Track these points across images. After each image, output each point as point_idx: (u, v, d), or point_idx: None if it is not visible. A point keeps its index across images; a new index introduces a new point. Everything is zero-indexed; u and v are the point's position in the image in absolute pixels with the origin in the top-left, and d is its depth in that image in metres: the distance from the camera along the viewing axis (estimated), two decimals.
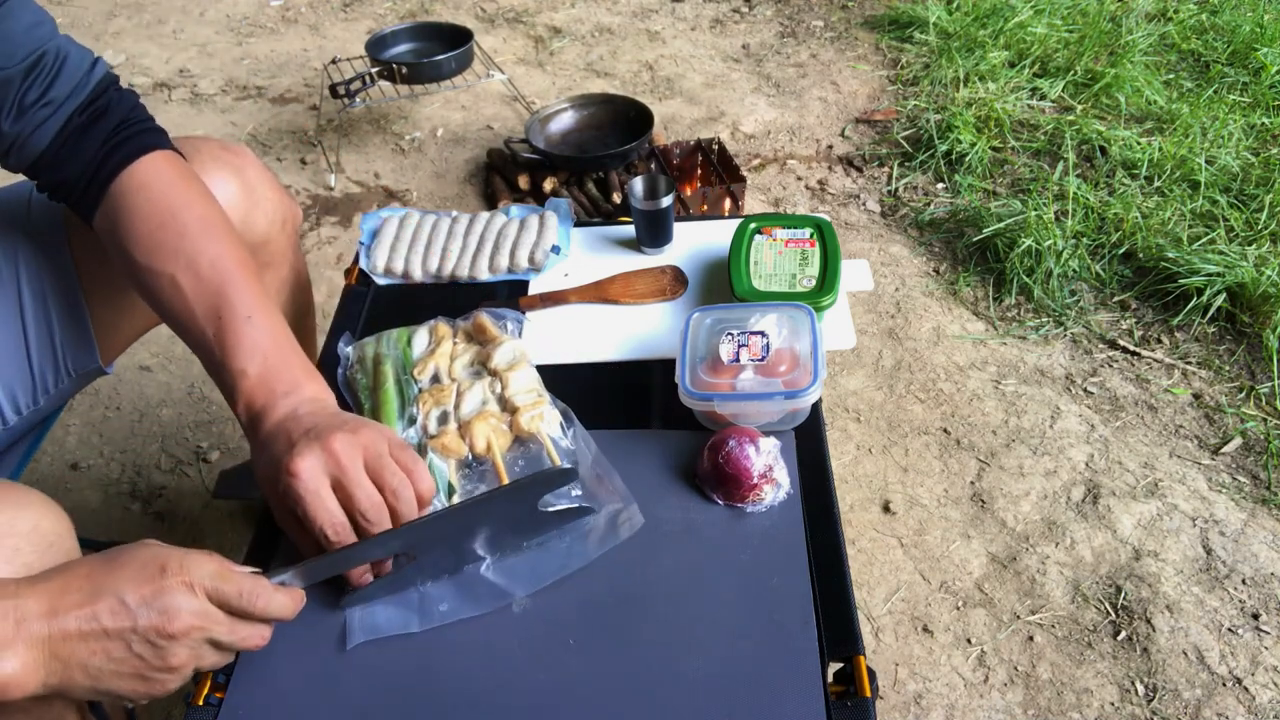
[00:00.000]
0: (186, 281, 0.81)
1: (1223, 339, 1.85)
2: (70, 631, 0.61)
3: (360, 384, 1.00)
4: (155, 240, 0.82)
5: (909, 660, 1.35)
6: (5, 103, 0.80)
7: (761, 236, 1.15)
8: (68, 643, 0.61)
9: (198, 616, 0.64)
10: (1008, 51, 2.76)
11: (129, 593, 0.62)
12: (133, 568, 0.64)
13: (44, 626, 0.60)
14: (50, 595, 0.61)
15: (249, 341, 0.80)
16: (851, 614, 0.78)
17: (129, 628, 0.62)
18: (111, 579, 0.63)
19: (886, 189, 2.36)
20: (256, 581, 0.68)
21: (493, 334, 1.02)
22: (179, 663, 0.64)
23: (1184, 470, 1.60)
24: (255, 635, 0.68)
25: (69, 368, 0.99)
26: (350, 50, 2.97)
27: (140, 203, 0.83)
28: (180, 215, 0.83)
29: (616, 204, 2.16)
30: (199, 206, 0.85)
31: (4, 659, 0.58)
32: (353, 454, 0.73)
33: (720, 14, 3.32)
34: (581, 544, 0.83)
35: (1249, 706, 1.28)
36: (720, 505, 0.88)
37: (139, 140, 0.86)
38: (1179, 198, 2.14)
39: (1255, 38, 2.71)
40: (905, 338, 1.91)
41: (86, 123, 0.84)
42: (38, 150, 0.83)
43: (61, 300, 0.96)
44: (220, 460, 1.73)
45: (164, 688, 0.65)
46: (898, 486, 1.60)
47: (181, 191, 0.85)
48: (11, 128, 0.81)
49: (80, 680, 0.62)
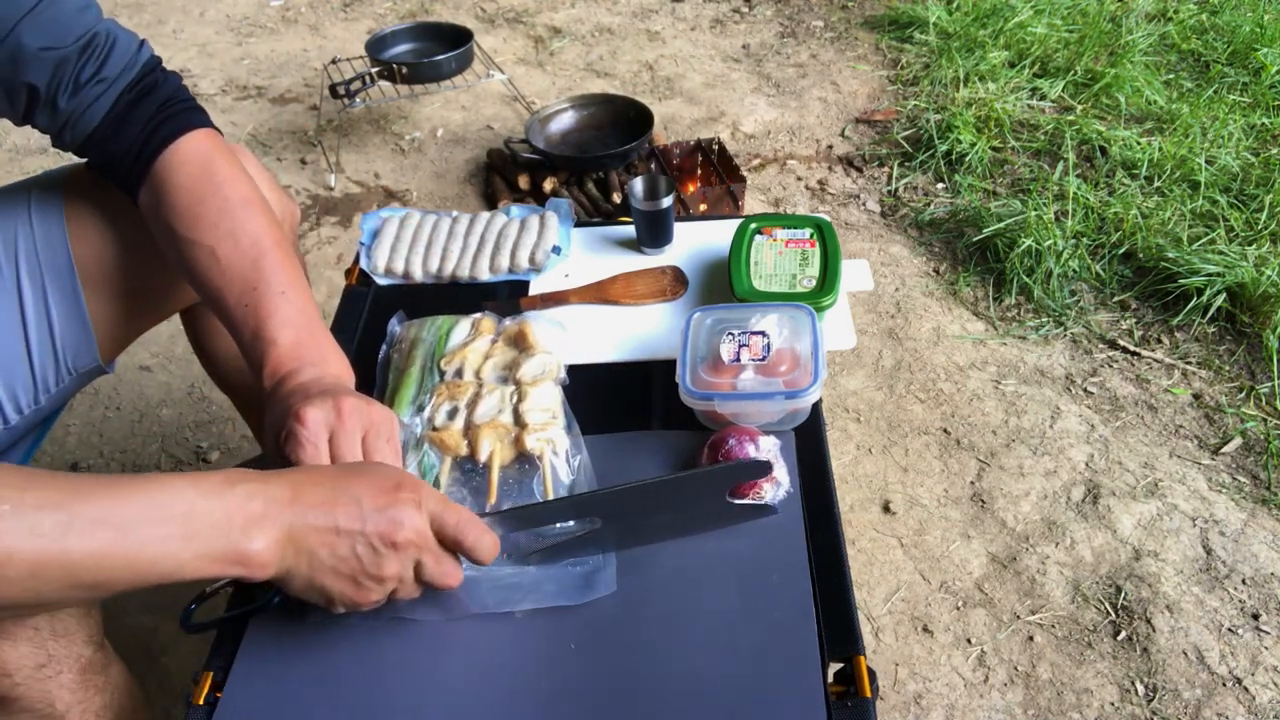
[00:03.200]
0: (225, 253, 0.84)
1: (1223, 339, 1.86)
2: (310, 523, 0.64)
3: (394, 362, 1.01)
4: (196, 213, 0.86)
5: (909, 660, 1.35)
6: (63, 80, 0.83)
7: (762, 236, 1.15)
8: (304, 532, 0.64)
9: (418, 535, 0.67)
10: (1008, 51, 2.76)
11: (366, 499, 0.66)
12: (371, 478, 0.68)
13: (288, 513, 0.64)
14: (295, 486, 0.65)
15: (281, 315, 0.83)
16: (851, 614, 0.78)
17: (359, 530, 0.65)
18: (351, 484, 0.67)
19: (886, 189, 2.36)
20: (472, 517, 0.71)
21: (532, 343, 1.00)
22: (390, 574, 0.67)
23: (1184, 470, 1.61)
24: (454, 573, 0.71)
25: (69, 366, 0.99)
26: (350, 50, 2.97)
27: (183, 178, 0.87)
28: (222, 189, 0.87)
29: (616, 204, 2.16)
30: (241, 184, 0.89)
31: (255, 536, 0.62)
32: (356, 418, 0.76)
33: (720, 14, 3.32)
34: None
35: (1249, 706, 1.28)
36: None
37: (183, 118, 0.89)
38: (1179, 198, 2.14)
39: (1255, 38, 2.71)
40: (905, 338, 1.91)
41: (134, 100, 0.87)
42: (90, 126, 0.87)
43: (61, 298, 0.96)
44: (220, 460, 1.73)
45: (367, 597, 0.68)
46: (898, 486, 1.60)
47: (223, 167, 0.89)
48: (68, 104, 0.85)
49: (303, 570, 0.65)
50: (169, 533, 0.59)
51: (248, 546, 0.62)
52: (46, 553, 0.55)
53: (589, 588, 0.79)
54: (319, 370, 0.81)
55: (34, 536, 0.55)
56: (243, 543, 0.62)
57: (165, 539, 0.59)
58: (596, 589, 0.79)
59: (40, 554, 0.55)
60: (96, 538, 0.57)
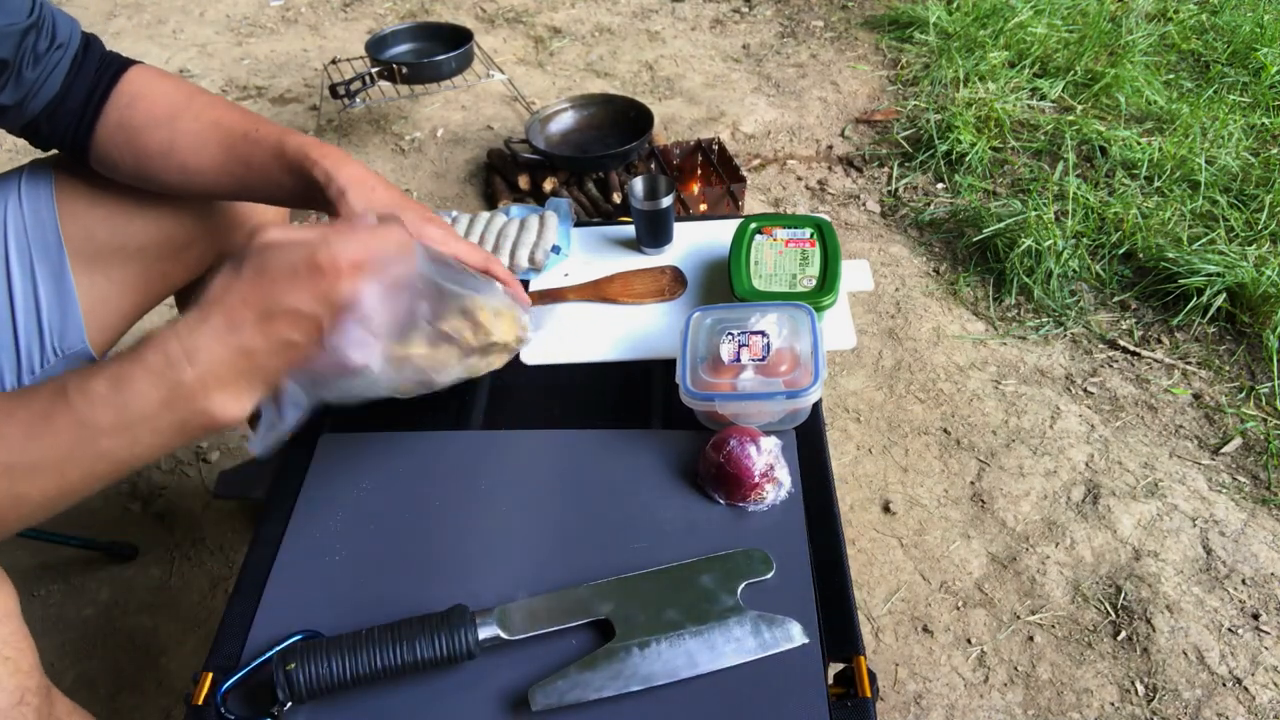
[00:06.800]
0: (211, 132, 0.91)
1: (1223, 339, 1.86)
2: (259, 351, 0.66)
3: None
4: (172, 99, 0.93)
5: (909, 660, 1.35)
6: (25, 51, 0.87)
7: (762, 236, 1.15)
8: (256, 356, 0.66)
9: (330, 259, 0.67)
10: (1008, 52, 2.76)
11: (302, 304, 0.66)
12: (284, 272, 0.66)
13: (225, 351, 0.65)
14: (218, 335, 0.65)
15: (288, 132, 0.90)
16: (852, 614, 0.78)
17: (311, 314, 0.66)
18: (273, 294, 0.66)
19: (886, 189, 2.36)
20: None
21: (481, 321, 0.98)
22: (293, 304, 0.66)
23: (1184, 470, 1.61)
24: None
25: (55, 346, 0.98)
26: (350, 50, 2.97)
27: (143, 86, 0.93)
28: (184, 84, 0.95)
29: (616, 204, 2.16)
30: (201, 91, 0.97)
31: (206, 397, 0.65)
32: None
33: (720, 14, 3.32)
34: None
35: (1249, 706, 1.28)
36: (722, 505, 0.88)
37: (124, 61, 0.96)
38: (1179, 198, 2.14)
39: (1255, 38, 2.71)
40: (905, 338, 1.91)
41: (83, 61, 0.93)
42: (52, 91, 0.90)
43: (49, 275, 0.97)
44: (220, 460, 1.73)
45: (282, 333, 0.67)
46: (898, 486, 1.60)
47: (180, 81, 0.96)
48: (32, 73, 0.88)
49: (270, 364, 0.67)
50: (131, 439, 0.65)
51: (209, 410, 0.65)
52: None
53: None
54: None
55: None
56: (204, 411, 0.65)
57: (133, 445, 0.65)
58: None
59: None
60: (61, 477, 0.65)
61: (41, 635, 0.79)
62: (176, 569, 1.51)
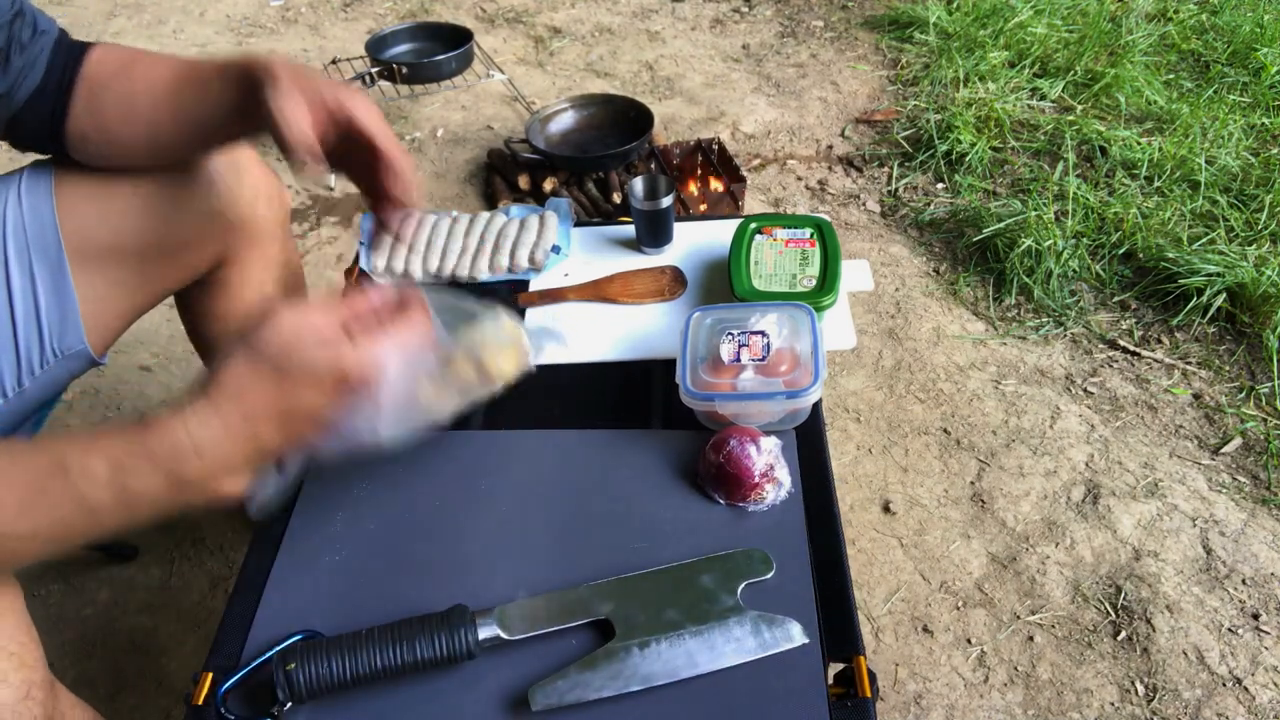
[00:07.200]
0: (164, 68, 0.92)
1: (1223, 339, 1.85)
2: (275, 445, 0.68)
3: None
4: (128, 62, 0.93)
5: (909, 660, 1.35)
6: (12, 40, 0.89)
7: (762, 236, 1.15)
8: (267, 448, 0.68)
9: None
10: (1008, 52, 2.76)
11: (322, 407, 0.67)
12: (308, 379, 0.66)
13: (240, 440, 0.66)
14: (235, 432, 0.66)
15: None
16: (852, 614, 0.78)
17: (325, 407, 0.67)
18: (294, 398, 0.66)
19: (886, 189, 2.36)
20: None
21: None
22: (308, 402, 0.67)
23: (1184, 470, 1.61)
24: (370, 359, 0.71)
25: (55, 346, 0.98)
26: (350, 50, 2.96)
27: (104, 63, 0.94)
28: (151, 52, 0.96)
29: (616, 204, 2.16)
30: (163, 55, 0.96)
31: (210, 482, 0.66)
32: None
33: (720, 14, 3.32)
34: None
35: (1249, 706, 1.28)
36: (722, 505, 0.88)
37: (86, 44, 0.96)
38: (1179, 198, 2.14)
39: (1255, 38, 2.71)
40: (905, 338, 1.91)
41: (59, 47, 0.93)
42: (38, 77, 0.91)
43: (48, 274, 0.97)
44: None
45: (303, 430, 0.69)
46: (898, 486, 1.60)
47: (142, 52, 0.96)
48: (19, 60, 0.89)
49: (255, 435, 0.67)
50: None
51: (214, 491, 0.66)
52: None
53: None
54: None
55: None
56: (208, 492, 0.66)
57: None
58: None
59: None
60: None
61: (41, 635, 0.79)
62: (176, 569, 1.51)
